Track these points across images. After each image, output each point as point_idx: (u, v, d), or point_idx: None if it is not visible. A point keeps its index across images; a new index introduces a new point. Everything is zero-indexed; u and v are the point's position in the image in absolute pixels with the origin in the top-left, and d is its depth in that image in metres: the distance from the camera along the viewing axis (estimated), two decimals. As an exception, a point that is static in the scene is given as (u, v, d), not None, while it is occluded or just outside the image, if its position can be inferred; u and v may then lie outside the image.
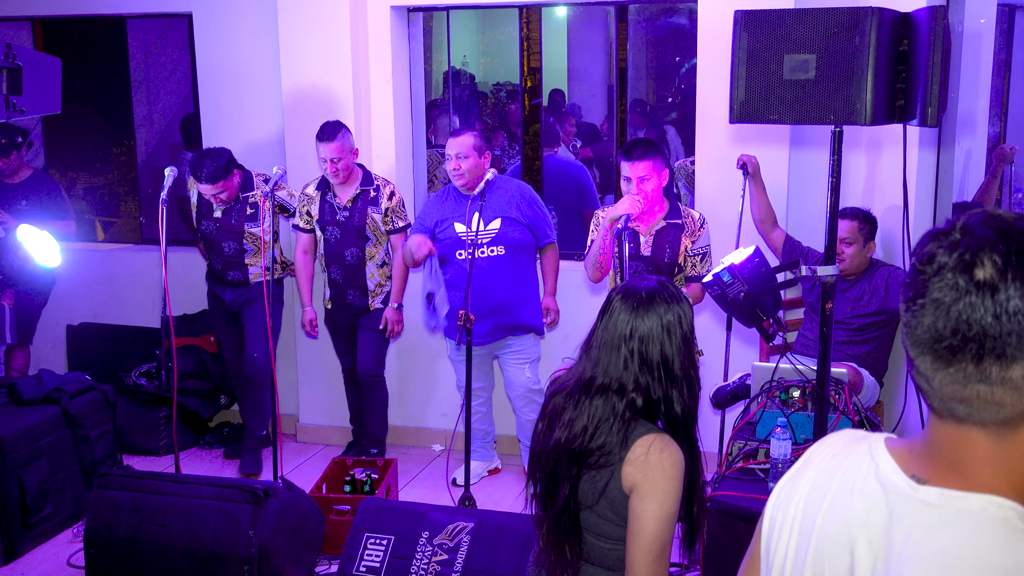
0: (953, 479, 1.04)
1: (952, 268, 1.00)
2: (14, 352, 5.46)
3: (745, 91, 2.75)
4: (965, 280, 0.98)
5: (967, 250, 0.99)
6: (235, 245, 4.80)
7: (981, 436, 1.03)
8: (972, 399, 1.01)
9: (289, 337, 5.36)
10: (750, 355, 4.58)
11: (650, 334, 2.08)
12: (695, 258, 3.98)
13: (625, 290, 2.15)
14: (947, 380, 1.02)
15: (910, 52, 2.69)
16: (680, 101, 7.76)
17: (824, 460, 1.21)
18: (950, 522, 1.01)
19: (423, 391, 5.30)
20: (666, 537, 2.03)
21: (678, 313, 2.12)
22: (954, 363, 1.00)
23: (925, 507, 1.04)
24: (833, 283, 2.84)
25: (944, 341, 1.00)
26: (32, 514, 4.18)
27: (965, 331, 0.98)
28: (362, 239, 4.65)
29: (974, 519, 1.00)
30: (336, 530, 3.98)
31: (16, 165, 5.26)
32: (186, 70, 6.14)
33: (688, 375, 2.12)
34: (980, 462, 1.03)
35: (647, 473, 2.03)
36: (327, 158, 4.52)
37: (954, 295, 0.99)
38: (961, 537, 0.99)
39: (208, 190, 4.61)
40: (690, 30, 6.98)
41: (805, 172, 4.60)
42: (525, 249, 4.50)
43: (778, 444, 3.09)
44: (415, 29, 5.27)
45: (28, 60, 3.49)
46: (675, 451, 2.06)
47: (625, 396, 2.08)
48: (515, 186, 4.52)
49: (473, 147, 4.36)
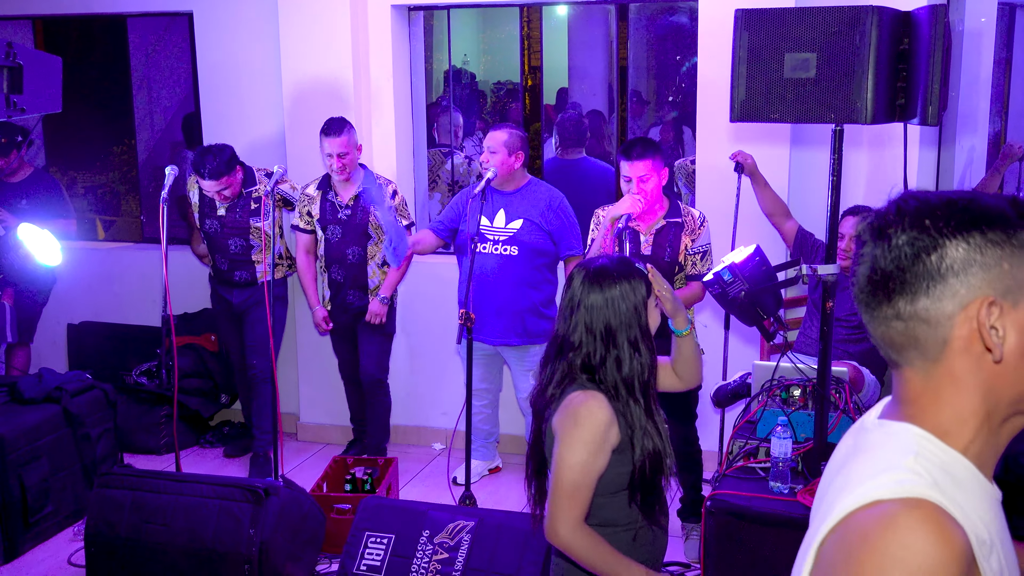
0: (896, 414, 1.20)
1: (867, 232, 1.17)
2: (15, 351, 5.46)
3: (746, 90, 2.75)
4: (871, 236, 1.16)
5: (876, 216, 1.17)
6: (241, 242, 4.77)
7: (912, 375, 1.16)
8: (896, 340, 1.16)
9: (290, 336, 5.36)
10: (751, 354, 4.59)
11: (594, 305, 2.33)
12: (695, 256, 3.99)
13: (583, 264, 2.42)
14: (876, 326, 1.17)
15: (911, 51, 2.69)
16: (681, 100, 7.75)
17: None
18: (870, 442, 1.19)
19: (423, 390, 5.30)
20: (573, 482, 2.25)
21: (624, 288, 2.34)
22: (874, 307, 1.16)
23: (866, 432, 1.23)
24: (834, 281, 2.84)
25: (864, 290, 1.17)
26: (33, 513, 4.18)
27: (874, 276, 1.15)
28: (364, 238, 4.64)
29: (884, 437, 1.18)
30: (337, 529, 3.98)
31: (17, 164, 5.26)
32: (187, 69, 6.14)
33: (635, 344, 2.33)
34: (912, 400, 1.17)
35: (563, 421, 2.29)
36: (332, 153, 4.51)
37: (866, 250, 1.16)
38: (872, 450, 1.17)
39: (211, 187, 4.58)
40: (691, 29, 6.97)
41: (806, 171, 4.59)
42: (543, 256, 4.45)
43: (779, 443, 3.08)
44: (416, 28, 5.27)
45: (29, 59, 3.49)
46: (595, 406, 2.27)
47: (569, 357, 2.35)
48: (548, 192, 4.48)
49: (504, 144, 4.35)
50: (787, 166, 4.56)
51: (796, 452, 3.12)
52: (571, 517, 2.25)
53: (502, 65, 8.89)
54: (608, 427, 2.26)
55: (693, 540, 4.11)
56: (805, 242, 4.24)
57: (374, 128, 5.13)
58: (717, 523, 3.04)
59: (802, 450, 3.14)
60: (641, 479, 2.32)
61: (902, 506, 1.05)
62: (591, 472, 2.26)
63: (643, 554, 2.38)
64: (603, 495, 2.31)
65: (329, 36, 4.97)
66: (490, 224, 4.43)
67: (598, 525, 2.31)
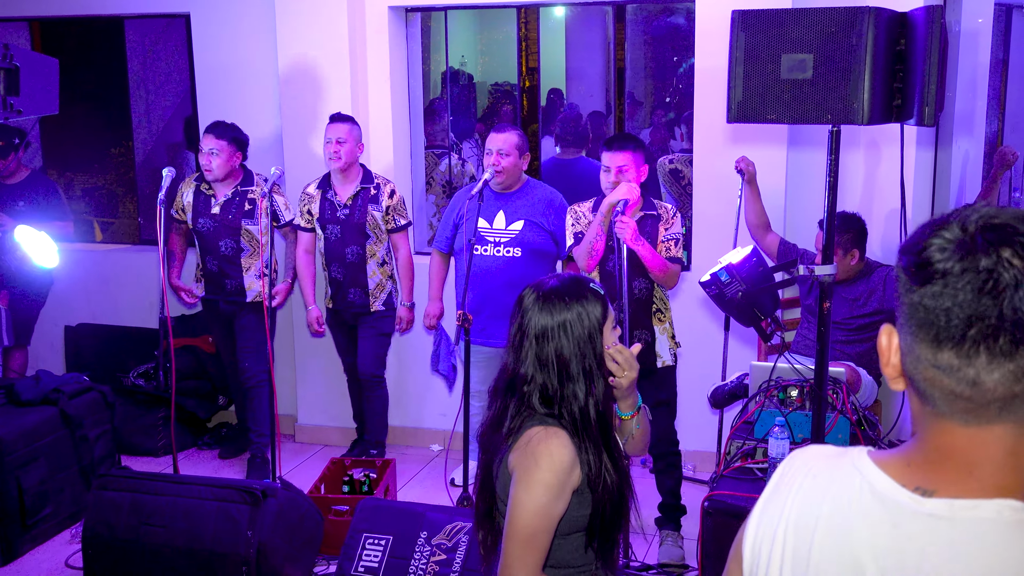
0: (962, 486, 1.00)
1: (1000, 264, 0.95)
2: (12, 353, 5.45)
3: (743, 91, 2.75)
4: (1015, 272, 0.93)
5: (993, 244, 0.95)
6: (232, 243, 4.75)
7: (1008, 433, 0.98)
8: (1020, 393, 0.95)
9: (287, 337, 5.36)
10: (748, 354, 4.59)
11: (545, 331, 2.08)
12: (669, 242, 4.00)
13: (535, 285, 2.16)
14: (1005, 377, 0.95)
15: (907, 52, 2.69)
16: (678, 101, 7.75)
17: (804, 481, 1.15)
18: (965, 533, 0.97)
19: (421, 391, 5.30)
20: (533, 528, 2.00)
21: (578, 311, 2.09)
22: (1016, 357, 0.94)
23: (935, 520, 0.99)
24: (831, 282, 2.85)
25: (1003, 335, 0.94)
26: (31, 515, 4.18)
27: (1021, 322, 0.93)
28: (362, 236, 4.64)
29: (988, 526, 0.97)
30: (335, 530, 3.98)
31: (14, 166, 5.25)
32: (184, 70, 6.14)
33: (590, 373, 2.09)
34: (998, 461, 0.99)
35: (522, 461, 2.03)
36: (332, 138, 4.53)
37: (1010, 289, 0.94)
38: (977, 547, 0.96)
39: (207, 143, 4.61)
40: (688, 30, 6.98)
41: (803, 172, 4.60)
42: (544, 257, 4.45)
43: (776, 443, 3.09)
44: (413, 29, 5.28)
45: (26, 61, 3.49)
46: (557, 446, 2.02)
47: (523, 390, 2.09)
48: (547, 192, 4.47)
49: (516, 146, 4.35)
50: (784, 167, 4.56)
51: (794, 452, 3.12)
52: (527, 565, 2.01)
53: (500, 66, 8.89)
54: (571, 469, 2.03)
55: (668, 546, 4.08)
56: (789, 253, 4.25)
57: (371, 129, 5.13)
58: (715, 523, 3.04)
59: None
60: (601, 522, 2.09)
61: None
62: (551, 517, 2.01)
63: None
64: (559, 536, 2.07)
65: (326, 37, 4.97)
66: (489, 226, 4.42)
67: (550, 567, 2.09)
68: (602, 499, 2.07)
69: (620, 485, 2.11)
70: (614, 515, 2.11)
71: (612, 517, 2.10)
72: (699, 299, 4.46)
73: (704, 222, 4.67)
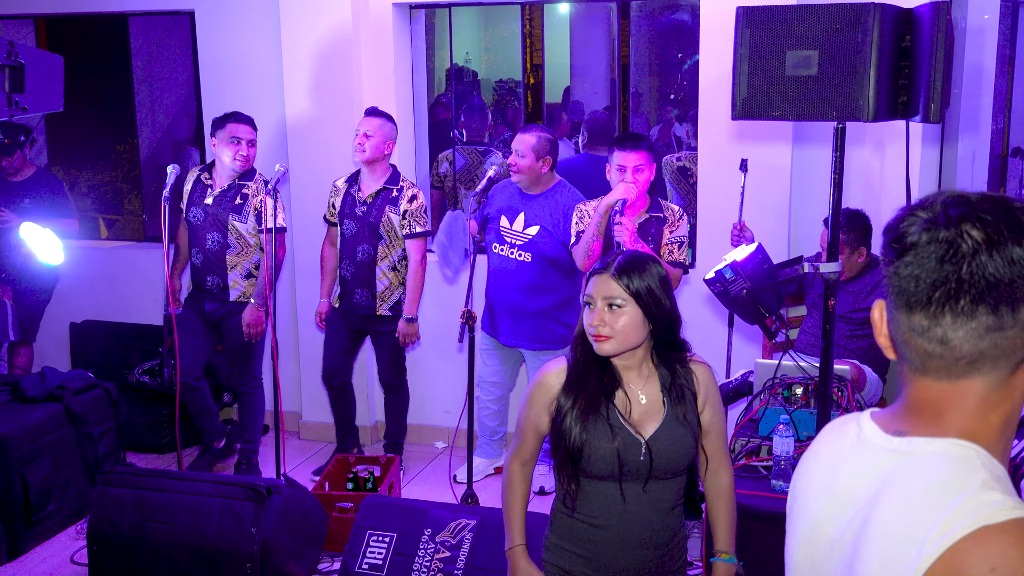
0: (931, 428, 1.13)
1: (977, 240, 1.07)
2: (17, 349, 5.47)
3: (747, 87, 2.74)
4: (986, 246, 1.06)
5: (981, 224, 1.07)
6: (219, 238, 4.60)
7: (977, 385, 1.11)
8: (984, 350, 1.08)
9: (292, 334, 5.36)
10: (753, 352, 4.58)
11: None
12: (672, 245, 4.00)
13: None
14: (969, 335, 1.08)
15: (913, 48, 2.68)
16: (683, 97, 7.74)
17: (818, 438, 1.34)
18: (917, 463, 1.11)
19: (426, 388, 5.30)
20: (517, 422, 2.46)
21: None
22: (976, 316, 1.07)
23: (898, 455, 1.14)
24: (836, 279, 2.84)
25: (963, 296, 1.07)
26: (35, 511, 4.19)
27: (977, 284, 1.06)
28: (375, 237, 4.56)
29: (935, 457, 1.10)
30: (339, 527, 3.99)
31: (19, 163, 5.26)
32: (188, 67, 6.14)
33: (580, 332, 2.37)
34: (967, 409, 1.12)
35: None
36: (361, 131, 4.50)
37: (979, 257, 1.06)
38: (926, 472, 1.10)
39: (241, 130, 4.50)
40: (692, 26, 6.96)
41: (808, 169, 4.59)
42: (557, 264, 4.40)
43: (781, 441, 3.08)
44: (417, 26, 5.27)
45: (30, 58, 3.49)
46: (544, 369, 2.39)
47: None
48: (568, 198, 4.38)
49: (531, 147, 4.32)
50: (789, 164, 4.55)
51: (798, 451, 3.12)
52: (511, 451, 2.47)
53: (504, 63, 8.89)
54: (543, 391, 2.35)
55: (694, 539, 4.09)
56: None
57: (376, 126, 5.12)
58: (719, 521, 3.03)
59: (804, 449, 3.14)
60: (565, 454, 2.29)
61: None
62: (526, 420, 2.41)
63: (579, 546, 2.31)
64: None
65: (331, 34, 4.97)
66: (509, 226, 4.42)
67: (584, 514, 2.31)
68: (562, 439, 2.31)
69: (583, 446, 2.27)
70: (573, 460, 2.28)
71: (572, 460, 2.29)
72: (703, 296, 4.45)
73: (709, 219, 4.66)
